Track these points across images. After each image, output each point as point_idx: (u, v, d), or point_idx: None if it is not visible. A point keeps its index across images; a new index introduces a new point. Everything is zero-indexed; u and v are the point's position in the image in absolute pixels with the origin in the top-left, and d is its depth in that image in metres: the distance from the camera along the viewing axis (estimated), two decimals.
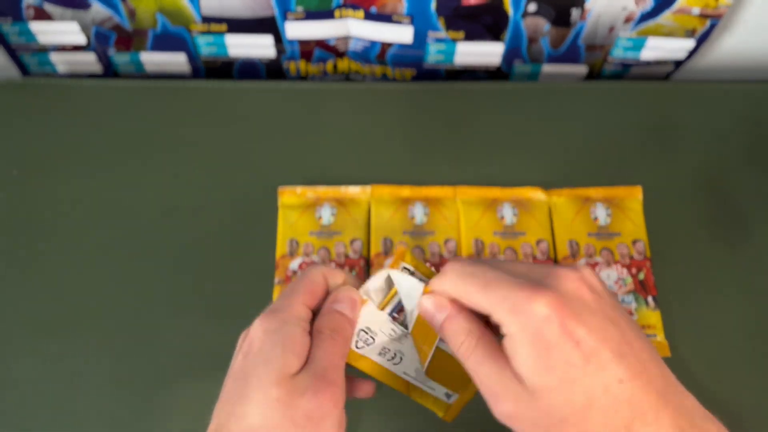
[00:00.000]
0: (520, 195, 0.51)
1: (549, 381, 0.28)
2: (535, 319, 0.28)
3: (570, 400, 0.28)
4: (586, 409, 0.28)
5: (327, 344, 0.32)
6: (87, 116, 0.55)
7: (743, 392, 0.46)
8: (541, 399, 0.28)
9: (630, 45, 0.57)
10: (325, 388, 0.30)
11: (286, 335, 0.31)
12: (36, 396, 0.45)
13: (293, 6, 0.53)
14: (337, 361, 0.32)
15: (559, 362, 0.28)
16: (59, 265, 0.49)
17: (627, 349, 0.29)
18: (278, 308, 0.33)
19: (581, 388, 0.28)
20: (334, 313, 0.34)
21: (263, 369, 0.30)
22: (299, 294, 0.33)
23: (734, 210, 0.52)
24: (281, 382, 0.30)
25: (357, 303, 0.34)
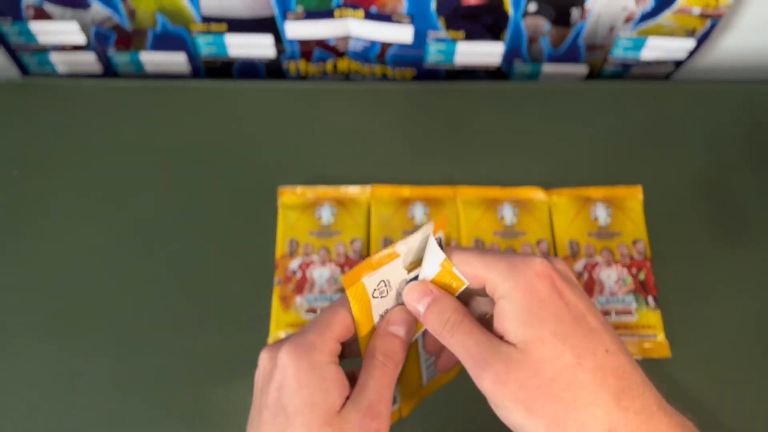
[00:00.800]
0: (521, 195, 0.51)
1: (541, 333, 0.28)
2: (528, 274, 0.29)
3: (560, 355, 0.28)
4: (574, 368, 0.28)
5: (378, 372, 0.32)
6: (87, 116, 0.55)
7: (743, 392, 0.46)
8: (532, 354, 0.28)
9: (630, 45, 0.57)
10: (370, 422, 0.30)
11: (326, 376, 0.31)
12: (36, 396, 0.45)
13: (293, 6, 0.53)
14: (385, 391, 0.31)
15: (551, 315, 0.29)
16: (59, 265, 0.49)
17: (610, 329, 0.30)
18: (312, 345, 0.31)
19: (570, 344, 0.28)
20: (388, 336, 0.33)
21: (309, 410, 0.30)
22: (333, 330, 0.32)
23: (735, 210, 0.52)
24: (330, 422, 0.30)
25: (412, 325, 0.33)
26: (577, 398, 0.28)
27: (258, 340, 0.46)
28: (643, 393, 0.28)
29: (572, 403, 0.28)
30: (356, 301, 0.32)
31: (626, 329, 0.46)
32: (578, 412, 0.28)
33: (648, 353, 0.46)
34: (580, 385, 0.28)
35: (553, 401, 0.28)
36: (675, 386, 0.46)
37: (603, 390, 0.28)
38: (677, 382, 0.46)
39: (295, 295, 0.47)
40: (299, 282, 0.47)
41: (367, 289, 0.32)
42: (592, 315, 0.29)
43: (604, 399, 0.28)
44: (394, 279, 0.33)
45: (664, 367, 0.46)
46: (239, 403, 0.44)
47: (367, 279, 0.32)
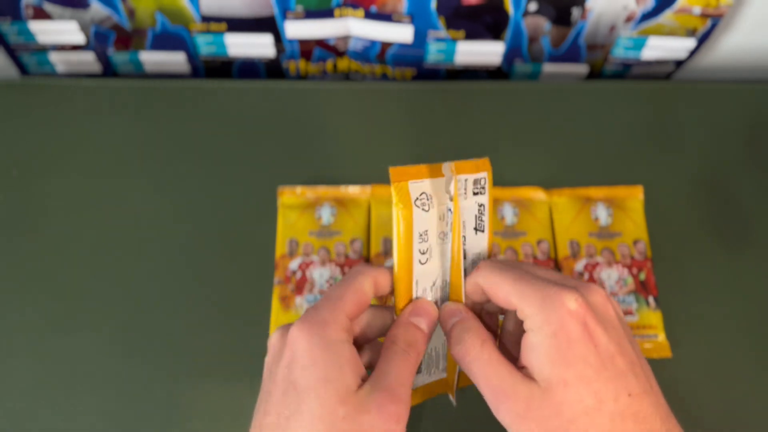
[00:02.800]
0: (521, 195, 0.51)
1: (566, 375, 0.28)
2: (561, 312, 0.29)
3: (581, 399, 0.28)
4: (594, 413, 0.28)
5: (400, 359, 0.31)
6: (86, 116, 0.55)
7: (744, 392, 0.46)
8: (554, 396, 0.28)
9: (631, 44, 0.57)
10: (389, 404, 0.29)
11: (340, 353, 0.30)
12: (36, 396, 0.45)
13: (293, 5, 0.53)
14: (405, 377, 0.30)
15: (578, 358, 0.28)
16: (59, 265, 0.49)
17: (639, 369, 0.29)
18: (325, 321, 0.30)
19: (594, 389, 0.28)
20: (411, 326, 0.32)
21: (323, 387, 0.29)
22: (345, 305, 0.31)
23: (736, 210, 0.52)
24: (346, 400, 0.29)
25: (433, 317, 0.33)
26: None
27: (258, 341, 0.46)
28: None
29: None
30: (401, 201, 0.31)
31: None
32: None
33: (649, 353, 0.46)
34: (598, 429, 0.28)
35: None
36: (675, 386, 0.46)
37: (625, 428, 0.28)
38: (678, 382, 0.46)
39: (295, 296, 0.47)
40: (299, 282, 0.47)
41: (411, 193, 0.32)
42: (622, 355, 0.29)
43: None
44: (436, 197, 0.32)
45: (665, 368, 0.46)
46: (239, 403, 0.44)
47: (413, 184, 0.32)
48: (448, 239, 0.33)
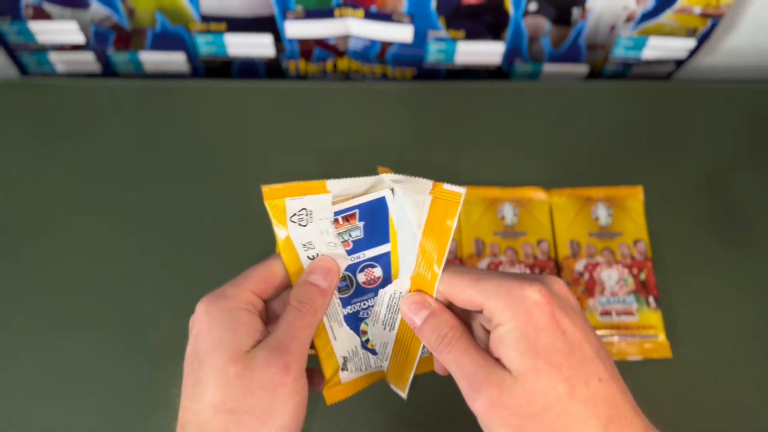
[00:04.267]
0: (521, 195, 0.51)
1: (536, 364, 0.29)
2: (527, 304, 0.29)
3: (553, 386, 0.28)
4: (567, 399, 0.28)
5: (291, 316, 0.32)
6: (86, 116, 0.55)
7: (744, 392, 0.46)
8: (525, 384, 0.29)
9: (631, 44, 0.57)
10: (277, 358, 0.30)
11: (235, 318, 0.31)
12: (36, 396, 0.45)
13: (293, 5, 0.53)
14: (297, 332, 0.32)
15: (547, 346, 0.29)
16: (58, 265, 0.49)
17: (604, 356, 0.30)
18: (224, 293, 0.33)
19: (564, 375, 0.29)
20: (305, 284, 0.33)
21: (216, 350, 0.31)
22: (249, 281, 0.33)
23: (736, 210, 0.52)
24: (236, 359, 0.30)
25: (333, 272, 0.34)
26: (567, 427, 0.28)
27: None
28: (632, 422, 0.29)
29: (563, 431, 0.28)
30: (276, 218, 0.33)
31: (627, 330, 0.46)
32: None
33: (649, 353, 0.46)
34: (571, 415, 0.28)
35: (544, 430, 0.28)
36: (675, 386, 0.46)
37: (593, 419, 0.28)
38: (678, 382, 0.46)
39: None
40: None
41: (287, 210, 0.33)
42: (588, 342, 0.30)
43: (594, 428, 0.28)
44: (317, 211, 0.33)
45: (665, 368, 0.46)
46: None
47: (289, 201, 0.33)
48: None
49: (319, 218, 0.33)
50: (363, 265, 0.34)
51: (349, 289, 0.34)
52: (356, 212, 0.34)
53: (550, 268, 0.48)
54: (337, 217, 0.33)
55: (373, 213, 0.34)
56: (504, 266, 0.48)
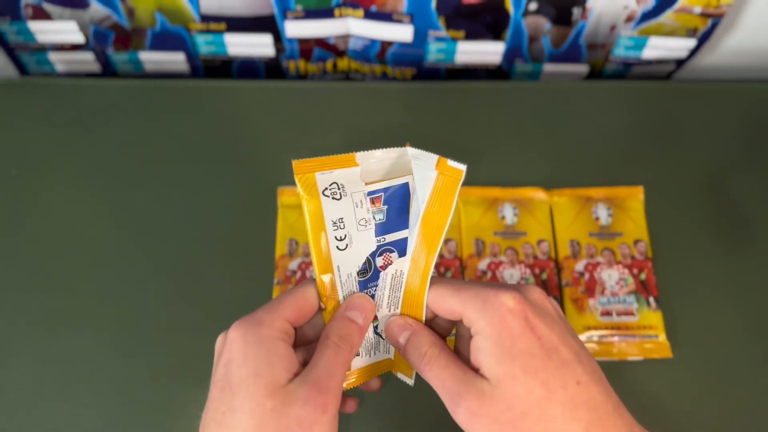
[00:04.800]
0: (521, 195, 0.51)
1: (512, 370, 0.29)
2: (501, 311, 0.30)
3: (530, 390, 0.29)
4: (545, 402, 0.29)
5: (330, 352, 0.32)
6: (85, 115, 0.55)
7: (744, 392, 0.46)
8: (503, 390, 0.29)
9: (631, 44, 0.57)
10: (316, 396, 0.30)
11: (272, 350, 0.31)
12: (36, 396, 0.45)
13: (293, 5, 0.53)
14: (335, 369, 0.32)
15: (522, 352, 0.29)
16: (58, 264, 0.49)
17: (584, 358, 0.30)
18: (260, 321, 0.32)
19: (541, 379, 0.29)
20: (345, 320, 0.33)
21: (253, 382, 0.30)
22: (284, 309, 0.33)
23: (736, 210, 0.52)
24: (274, 394, 0.30)
25: (369, 310, 0.34)
26: (547, 430, 0.29)
27: None
28: (615, 423, 0.29)
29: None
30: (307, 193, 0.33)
31: (627, 330, 0.46)
32: None
33: (649, 353, 0.46)
34: (551, 419, 0.29)
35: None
36: (676, 386, 0.46)
37: (573, 422, 0.29)
38: (678, 382, 0.46)
39: None
40: (298, 282, 0.47)
41: (318, 184, 0.33)
42: (566, 346, 0.30)
43: (575, 430, 0.28)
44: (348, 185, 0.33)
45: (665, 368, 0.46)
46: None
47: (320, 175, 0.33)
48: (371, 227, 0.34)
49: (353, 191, 0.33)
50: (382, 249, 0.34)
51: (367, 273, 0.34)
52: (381, 195, 0.34)
53: (550, 268, 0.48)
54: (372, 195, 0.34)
55: (396, 197, 0.34)
56: (504, 266, 0.48)
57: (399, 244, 0.34)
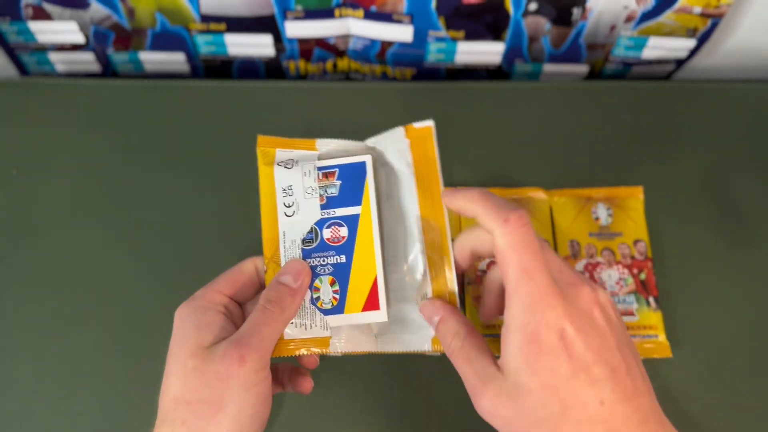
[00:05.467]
0: (521, 195, 0.51)
1: (530, 384, 0.29)
2: (541, 321, 0.29)
3: (546, 405, 0.29)
4: (559, 418, 0.28)
5: (257, 314, 0.34)
6: (85, 116, 0.55)
7: (744, 392, 0.46)
8: (519, 398, 0.29)
9: (631, 44, 0.57)
10: (233, 350, 0.32)
11: (200, 318, 0.34)
12: (36, 396, 0.45)
13: (293, 5, 0.53)
14: (259, 328, 0.33)
15: (546, 369, 0.29)
16: (58, 265, 0.49)
17: (621, 374, 0.29)
18: (195, 297, 0.36)
19: (560, 397, 0.29)
20: (275, 284, 0.35)
21: (179, 346, 0.33)
22: (218, 283, 0.36)
23: (736, 210, 0.52)
24: (195, 354, 0.32)
25: (302, 273, 0.36)
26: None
27: None
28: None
29: None
30: (264, 163, 0.36)
31: (627, 330, 0.46)
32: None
33: (649, 353, 0.46)
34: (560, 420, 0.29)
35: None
36: (676, 386, 0.46)
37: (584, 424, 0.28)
38: (678, 382, 0.46)
39: None
40: None
41: (276, 157, 0.36)
42: (601, 364, 0.29)
43: None
44: (303, 162, 0.37)
45: (665, 368, 0.46)
46: None
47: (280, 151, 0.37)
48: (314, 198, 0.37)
49: (304, 163, 0.37)
50: (330, 222, 0.36)
51: (313, 242, 0.36)
52: (336, 171, 0.37)
53: None
54: (318, 172, 0.36)
55: (351, 174, 0.37)
56: None
57: (350, 220, 0.36)
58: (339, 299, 0.36)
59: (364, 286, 0.36)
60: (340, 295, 0.36)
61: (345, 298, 0.36)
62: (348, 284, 0.36)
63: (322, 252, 0.36)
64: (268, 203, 0.37)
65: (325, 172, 0.36)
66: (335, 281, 0.36)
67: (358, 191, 0.36)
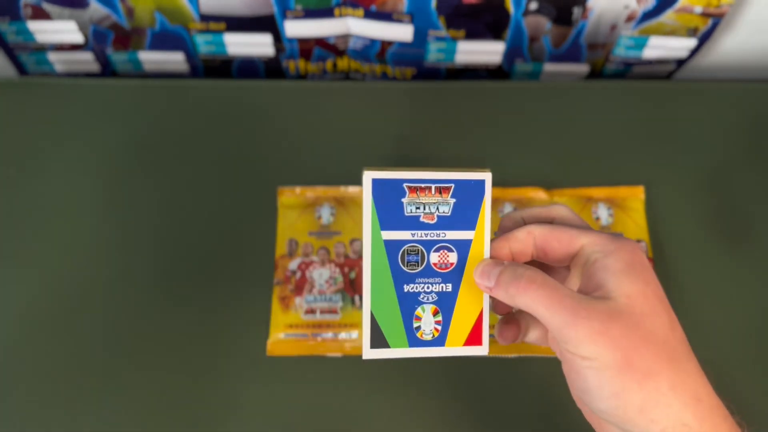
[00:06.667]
0: (522, 195, 0.51)
1: (645, 289, 0.30)
2: (630, 246, 0.30)
3: (659, 314, 0.30)
4: (668, 332, 0.30)
5: None
6: (85, 115, 0.55)
7: (744, 392, 0.46)
8: (634, 307, 0.29)
9: (632, 44, 0.57)
10: None
11: None
12: (36, 395, 0.45)
13: (292, 4, 0.53)
14: None
15: (652, 279, 0.30)
16: (58, 265, 0.49)
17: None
18: None
19: (666, 308, 0.30)
20: None
21: None
22: None
23: (737, 210, 0.52)
24: None
25: None
26: (672, 356, 0.29)
27: (258, 341, 0.46)
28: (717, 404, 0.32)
29: (667, 362, 0.29)
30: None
31: None
32: (671, 372, 0.29)
33: None
34: (673, 348, 0.29)
35: (652, 354, 0.28)
36: None
37: (691, 360, 0.30)
38: None
39: (295, 296, 0.47)
40: (298, 282, 0.47)
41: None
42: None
43: (693, 367, 0.30)
44: None
45: None
46: (239, 403, 0.44)
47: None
48: None
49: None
50: (440, 245, 0.32)
51: (418, 266, 0.32)
52: (452, 187, 0.32)
53: None
54: (431, 185, 0.32)
55: (467, 194, 0.33)
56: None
57: (461, 245, 0.32)
58: (441, 330, 0.33)
59: (468, 319, 0.33)
60: (443, 327, 0.33)
61: (447, 331, 0.33)
62: (452, 316, 0.33)
63: (428, 278, 0.33)
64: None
65: (440, 187, 0.32)
66: (438, 311, 0.33)
67: (473, 214, 0.32)
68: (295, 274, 0.48)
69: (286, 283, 0.47)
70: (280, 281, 0.48)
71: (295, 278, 0.47)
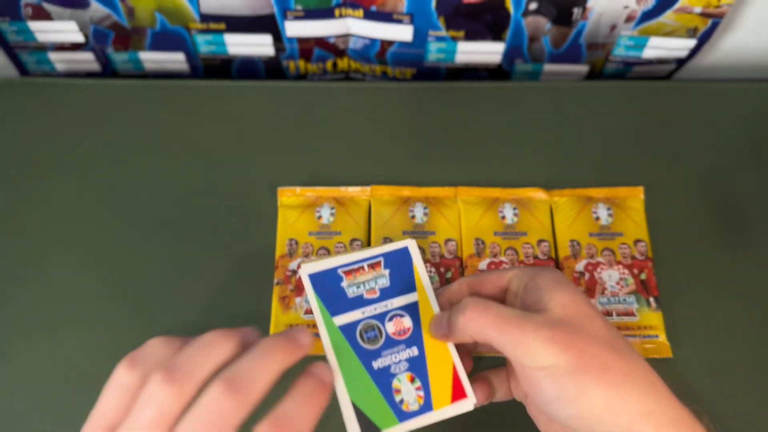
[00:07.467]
0: (521, 195, 0.51)
1: (574, 298, 0.32)
2: (551, 270, 0.35)
3: (597, 322, 0.32)
4: (613, 337, 0.32)
5: None
6: (85, 115, 0.55)
7: (745, 393, 0.46)
8: (572, 318, 0.31)
9: (632, 44, 0.57)
10: None
11: None
12: (36, 396, 0.45)
13: (293, 4, 0.53)
14: None
15: (584, 302, 0.32)
16: (58, 265, 0.49)
17: None
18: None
19: (604, 320, 0.32)
20: None
21: None
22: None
23: (737, 210, 0.52)
24: None
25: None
26: (619, 353, 0.30)
27: None
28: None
29: (617, 356, 0.30)
30: None
31: (628, 330, 0.46)
32: (623, 363, 0.30)
33: (649, 354, 0.46)
34: (616, 344, 0.31)
35: (602, 351, 0.30)
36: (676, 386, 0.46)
37: (635, 352, 0.31)
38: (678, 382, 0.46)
39: (295, 296, 0.47)
40: (299, 282, 0.47)
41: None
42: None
43: (640, 358, 0.31)
44: None
45: (666, 368, 0.46)
46: None
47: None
48: None
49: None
50: (391, 314, 0.34)
51: (378, 340, 0.33)
52: (381, 260, 0.35)
53: None
54: (363, 264, 0.34)
55: (397, 262, 0.35)
56: (504, 266, 0.48)
57: (410, 308, 0.34)
58: (424, 396, 0.33)
59: (445, 374, 0.33)
60: (425, 392, 0.33)
61: (430, 394, 0.33)
62: (428, 377, 0.33)
63: (392, 348, 0.33)
64: None
65: (371, 263, 0.35)
66: (414, 377, 0.33)
67: (410, 277, 0.35)
68: (295, 274, 0.48)
69: (286, 283, 0.47)
70: (280, 281, 0.48)
71: (296, 278, 0.47)
